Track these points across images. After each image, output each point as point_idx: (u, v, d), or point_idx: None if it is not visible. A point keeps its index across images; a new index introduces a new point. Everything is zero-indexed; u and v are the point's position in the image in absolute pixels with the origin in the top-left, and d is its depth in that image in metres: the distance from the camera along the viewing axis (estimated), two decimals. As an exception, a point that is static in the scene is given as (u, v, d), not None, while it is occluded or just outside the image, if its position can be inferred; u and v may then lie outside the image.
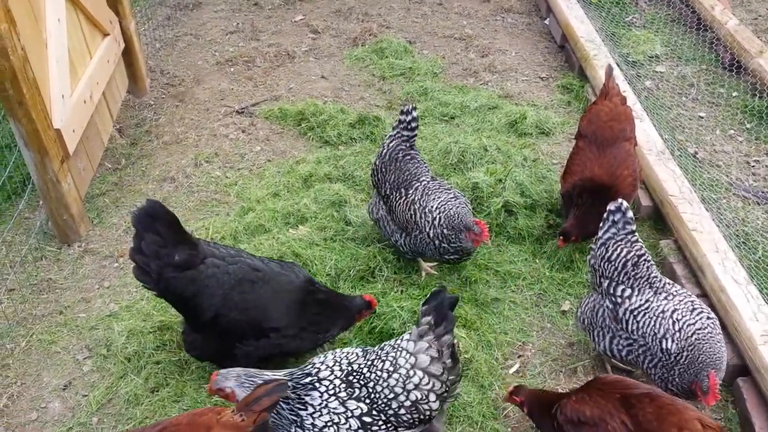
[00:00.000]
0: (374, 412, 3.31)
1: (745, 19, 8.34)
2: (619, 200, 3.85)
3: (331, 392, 3.35)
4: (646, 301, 3.81)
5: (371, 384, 3.35)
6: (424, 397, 3.29)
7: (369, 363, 3.42)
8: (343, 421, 3.29)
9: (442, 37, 8.38)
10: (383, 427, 3.32)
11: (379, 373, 3.35)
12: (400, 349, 3.36)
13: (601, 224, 3.93)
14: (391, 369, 3.33)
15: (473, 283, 4.87)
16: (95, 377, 4.32)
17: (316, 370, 3.44)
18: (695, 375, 3.63)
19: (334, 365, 3.45)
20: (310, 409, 3.32)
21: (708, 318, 3.74)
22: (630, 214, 3.83)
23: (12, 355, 4.48)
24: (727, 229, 5.13)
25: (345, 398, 3.33)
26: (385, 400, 3.31)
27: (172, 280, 3.81)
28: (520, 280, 4.96)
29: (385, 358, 3.38)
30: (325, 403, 3.33)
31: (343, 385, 3.37)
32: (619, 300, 3.86)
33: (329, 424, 3.29)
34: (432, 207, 4.57)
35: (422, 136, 6.33)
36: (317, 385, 3.38)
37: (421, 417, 3.34)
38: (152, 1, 8.90)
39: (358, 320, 4.30)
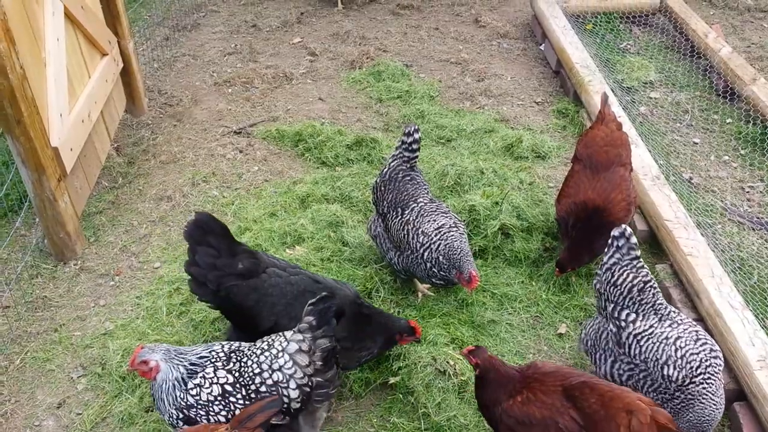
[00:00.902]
0: (237, 385, 3.45)
1: (738, 46, 8.45)
2: (623, 226, 3.84)
3: (213, 360, 3.53)
4: (650, 326, 3.79)
5: (245, 359, 3.51)
6: (284, 381, 3.41)
7: (253, 343, 3.60)
8: (207, 385, 3.46)
9: (439, 61, 8.46)
10: (241, 401, 3.43)
11: (255, 350, 3.54)
12: (281, 335, 3.52)
13: (606, 249, 3.93)
14: (265, 348, 3.52)
15: (470, 304, 4.87)
16: (89, 396, 4.29)
17: (215, 343, 3.67)
18: (682, 423, 3.68)
19: (226, 343, 3.67)
20: (193, 372, 3.50)
21: (711, 351, 3.72)
22: (634, 239, 3.81)
23: (6, 373, 4.45)
24: (722, 254, 5.16)
25: (220, 367, 3.50)
26: (251, 374, 3.45)
27: (234, 288, 3.87)
28: (517, 302, 4.96)
29: (266, 340, 3.55)
30: (204, 367, 3.50)
31: (225, 357, 3.54)
32: (623, 324, 3.84)
33: (197, 384, 3.47)
34: (428, 230, 4.57)
35: (419, 158, 6.34)
36: (207, 354, 3.56)
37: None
38: (151, 22, 8.97)
39: (399, 343, 4.27)
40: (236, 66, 8.25)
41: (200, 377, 3.46)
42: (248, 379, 3.44)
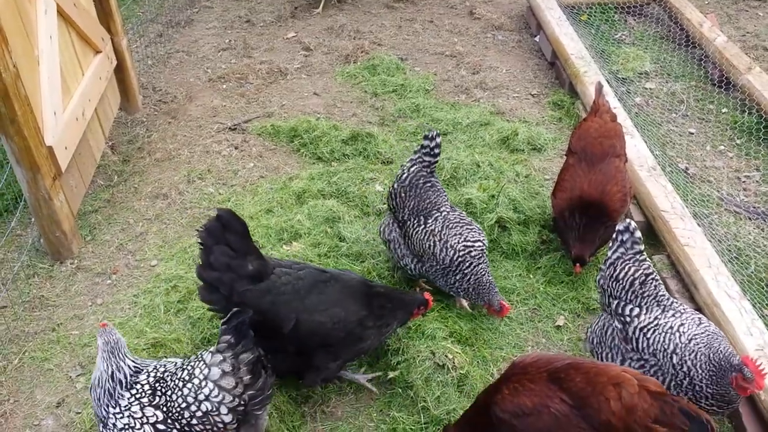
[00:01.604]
0: (169, 421, 3.35)
1: (733, 36, 8.44)
2: (627, 221, 3.85)
3: (138, 396, 3.41)
4: (655, 318, 3.79)
5: (169, 392, 3.40)
6: (215, 409, 3.32)
7: (174, 371, 3.48)
8: (138, 426, 3.34)
9: (434, 54, 8.44)
10: None
11: (177, 381, 3.41)
12: (200, 359, 3.42)
13: (610, 244, 3.92)
14: (187, 378, 3.39)
15: (468, 298, 4.88)
16: (89, 394, 4.27)
17: (143, 370, 3.52)
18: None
19: (153, 370, 3.52)
20: (117, 409, 3.39)
21: (715, 330, 3.72)
22: (638, 234, 3.82)
23: (5, 373, 4.43)
24: (719, 244, 5.16)
25: (146, 404, 3.39)
26: (178, 409, 3.35)
27: (247, 293, 3.78)
28: (515, 295, 4.96)
29: (185, 367, 3.45)
30: (129, 405, 3.38)
31: (150, 391, 3.42)
32: (628, 319, 3.83)
33: (127, 427, 3.34)
34: (455, 244, 4.54)
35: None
36: (131, 386, 3.45)
37: (215, 429, 3.37)
38: (144, 18, 8.94)
39: (412, 317, 4.32)
40: (230, 62, 8.23)
41: (128, 417, 3.35)
42: (177, 414, 3.34)
